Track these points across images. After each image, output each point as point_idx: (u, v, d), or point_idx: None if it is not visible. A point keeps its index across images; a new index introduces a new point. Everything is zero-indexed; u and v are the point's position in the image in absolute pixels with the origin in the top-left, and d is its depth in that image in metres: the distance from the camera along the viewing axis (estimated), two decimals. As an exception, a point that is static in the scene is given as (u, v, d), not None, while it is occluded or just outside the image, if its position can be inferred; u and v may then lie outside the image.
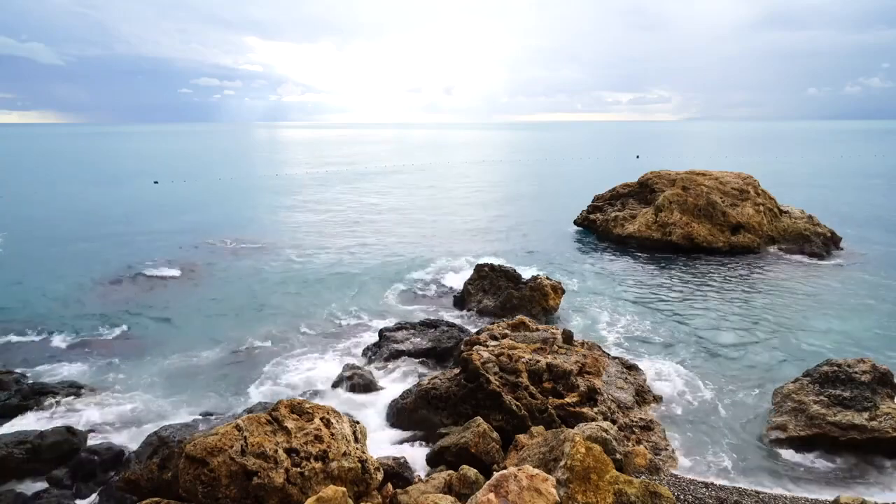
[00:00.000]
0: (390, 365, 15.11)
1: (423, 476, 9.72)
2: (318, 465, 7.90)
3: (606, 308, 19.67)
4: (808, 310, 19.22)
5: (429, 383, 12.27)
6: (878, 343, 16.46)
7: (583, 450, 7.59)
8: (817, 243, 27.08)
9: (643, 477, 8.96)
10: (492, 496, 6.79)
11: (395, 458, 10.18)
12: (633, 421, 11.42)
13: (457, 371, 12.27)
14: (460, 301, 20.33)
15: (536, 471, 7.16)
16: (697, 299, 20.45)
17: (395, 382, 14.49)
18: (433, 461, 10.20)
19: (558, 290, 19.42)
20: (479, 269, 20.50)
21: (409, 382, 14.19)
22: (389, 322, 17.89)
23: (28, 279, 23.82)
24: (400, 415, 12.24)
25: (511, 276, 19.80)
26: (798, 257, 26.19)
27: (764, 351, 16.08)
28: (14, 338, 17.40)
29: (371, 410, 13.07)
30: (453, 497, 7.64)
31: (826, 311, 19.11)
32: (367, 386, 13.80)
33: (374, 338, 16.70)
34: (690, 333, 17.39)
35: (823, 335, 17.13)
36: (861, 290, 21.27)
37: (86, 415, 12.83)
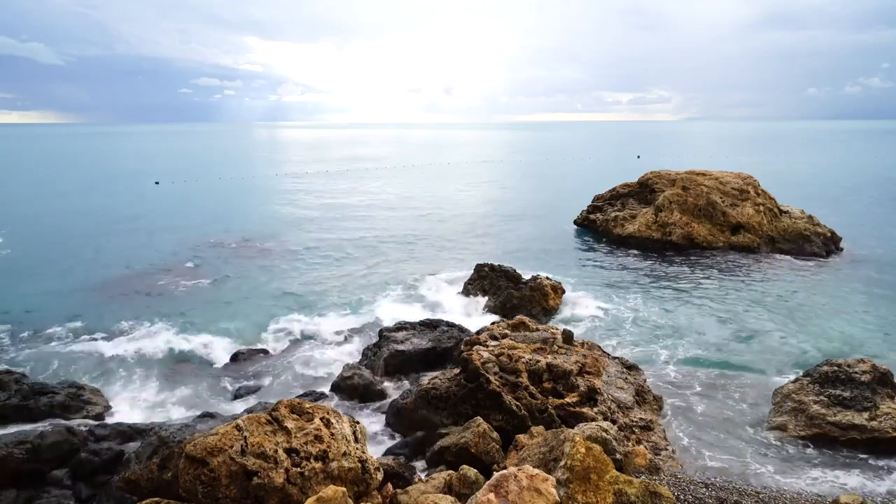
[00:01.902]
0: (390, 365, 15.10)
1: (423, 476, 9.71)
2: (318, 465, 7.90)
3: (606, 308, 19.66)
4: (807, 310, 19.21)
5: (429, 383, 12.27)
6: (878, 343, 16.46)
7: (583, 450, 7.59)
8: (817, 243, 27.07)
9: (643, 477, 8.96)
10: (492, 496, 6.78)
11: (395, 458, 10.18)
12: (633, 421, 11.42)
13: (457, 371, 12.26)
14: (460, 301, 20.32)
15: (536, 471, 7.16)
16: (697, 299, 20.44)
17: (395, 382, 14.50)
18: (433, 461, 10.20)
19: (558, 290, 19.43)
20: (479, 269, 20.51)
21: (409, 382, 14.19)
22: (389, 322, 17.89)
23: (28, 279, 23.83)
24: (400, 415, 12.24)
25: (511, 276, 19.80)
26: (798, 257, 26.19)
27: (764, 351, 16.08)
28: (14, 338, 17.41)
29: (371, 410, 13.08)
30: (453, 497, 7.63)
31: (826, 311, 19.10)
32: (367, 386, 13.80)
33: (374, 338, 16.70)
34: (690, 333, 17.39)
35: (823, 335, 17.13)
36: (861, 290, 21.27)
37: (86, 415, 12.83)
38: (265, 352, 16.63)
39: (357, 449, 8.46)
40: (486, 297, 19.60)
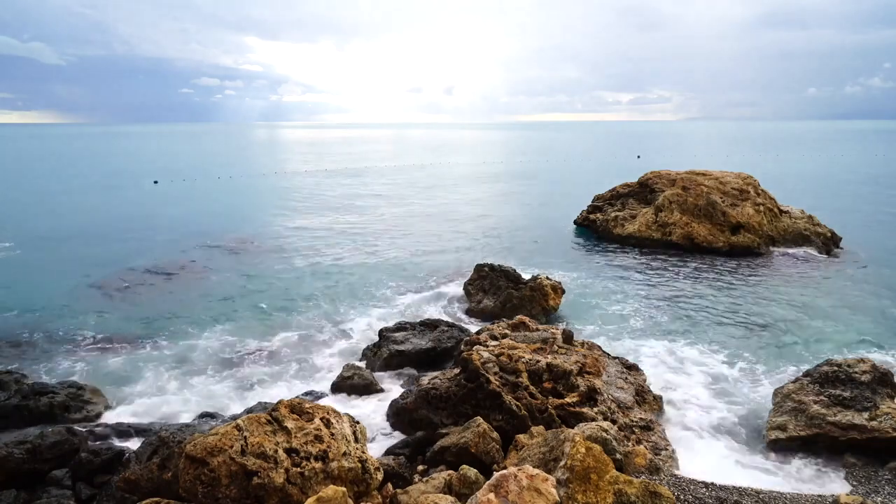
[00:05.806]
0: (390, 365, 15.10)
1: (422, 476, 9.71)
2: (319, 465, 7.90)
3: (606, 308, 19.66)
4: (808, 310, 19.20)
5: (429, 383, 12.27)
6: (879, 343, 16.46)
7: (583, 450, 7.59)
8: (817, 243, 27.08)
9: (643, 477, 8.96)
10: (492, 496, 6.78)
11: (395, 458, 10.18)
12: (633, 421, 11.41)
13: (457, 371, 12.26)
14: (460, 301, 20.33)
15: (536, 471, 7.16)
16: (697, 299, 20.44)
17: (395, 382, 14.50)
18: (433, 461, 10.20)
19: (558, 290, 19.42)
20: (479, 269, 20.50)
21: (409, 382, 14.19)
22: (389, 322, 17.89)
23: (28, 279, 23.82)
24: (400, 415, 12.24)
25: (511, 276, 19.79)
26: (798, 257, 26.19)
27: (764, 351, 16.08)
28: (14, 338, 17.39)
29: (371, 410, 13.07)
30: (453, 497, 7.64)
31: (826, 310, 19.10)
32: (367, 386, 13.80)
33: (374, 338, 16.70)
34: (690, 333, 17.40)
35: (823, 335, 17.13)
36: (861, 289, 21.27)
37: (86, 415, 12.83)
38: (265, 351, 16.63)
39: (357, 449, 8.46)
40: (486, 297, 19.59)
